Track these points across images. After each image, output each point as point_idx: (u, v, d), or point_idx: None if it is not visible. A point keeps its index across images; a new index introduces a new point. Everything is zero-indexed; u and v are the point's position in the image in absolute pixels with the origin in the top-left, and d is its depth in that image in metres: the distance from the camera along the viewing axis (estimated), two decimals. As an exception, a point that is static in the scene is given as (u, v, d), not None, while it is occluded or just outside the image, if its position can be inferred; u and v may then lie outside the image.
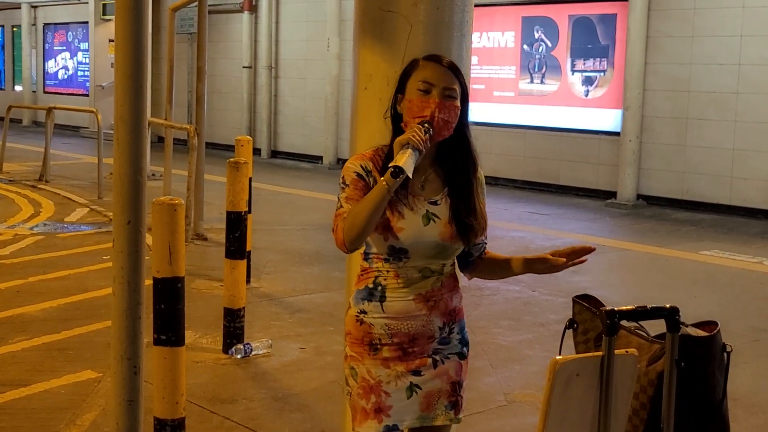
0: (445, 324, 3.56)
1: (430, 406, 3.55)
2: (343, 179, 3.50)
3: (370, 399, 3.51)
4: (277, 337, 7.91)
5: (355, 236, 3.36)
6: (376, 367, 3.51)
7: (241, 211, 7.69)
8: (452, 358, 3.59)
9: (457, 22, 4.43)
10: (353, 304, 3.57)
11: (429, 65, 3.49)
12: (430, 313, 3.52)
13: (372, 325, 3.51)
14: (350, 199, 3.43)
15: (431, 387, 3.54)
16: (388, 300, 3.50)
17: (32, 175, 17.76)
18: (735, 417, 5.09)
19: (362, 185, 3.44)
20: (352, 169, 3.49)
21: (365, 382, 3.52)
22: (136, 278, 4.25)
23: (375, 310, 3.51)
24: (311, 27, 22.71)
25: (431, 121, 3.39)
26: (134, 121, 4.14)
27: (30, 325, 8.08)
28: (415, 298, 3.50)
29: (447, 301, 3.57)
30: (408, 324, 3.50)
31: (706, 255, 12.06)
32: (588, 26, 17.51)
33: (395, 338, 3.50)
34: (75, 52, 31.84)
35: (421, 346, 3.52)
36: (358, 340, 3.54)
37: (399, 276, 3.49)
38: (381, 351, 3.51)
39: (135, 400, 4.36)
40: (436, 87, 3.43)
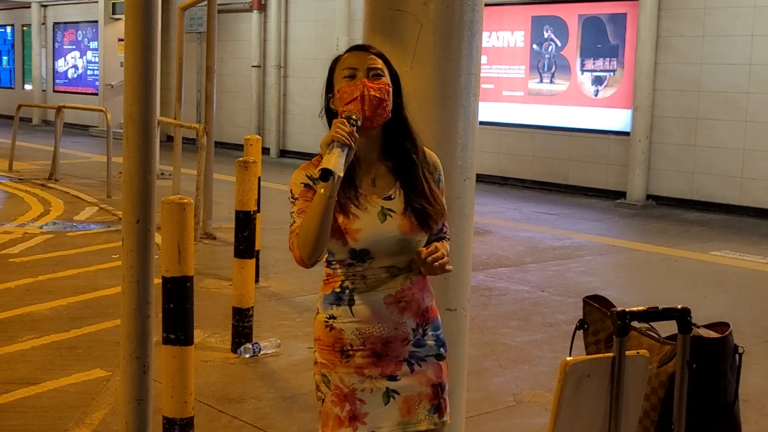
0: (418, 325, 3.44)
1: (411, 411, 3.43)
2: (291, 193, 3.40)
3: (344, 407, 3.41)
4: (286, 337, 7.90)
5: (311, 251, 3.29)
6: (350, 375, 3.40)
7: (250, 210, 7.68)
8: (429, 360, 3.46)
9: (467, 21, 4.42)
10: (321, 309, 3.47)
11: (349, 54, 3.43)
12: (401, 315, 3.40)
13: (342, 331, 3.40)
14: (302, 212, 3.33)
15: (410, 392, 3.43)
16: (356, 303, 3.38)
17: (42, 174, 17.79)
18: (746, 418, 5.07)
19: (311, 195, 3.33)
20: (299, 180, 3.39)
21: (339, 390, 3.42)
22: (146, 277, 4.25)
23: (344, 314, 3.40)
24: (320, 26, 22.71)
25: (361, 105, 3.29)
26: (144, 120, 4.14)
27: (39, 324, 8.09)
28: (384, 300, 3.38)
29: (419, 301, 3.45)
30: (380, 327, 3.38)
31: (716, 255, 12.03)
32: (598, 26, 17.48)
33: (367, 343, 3.38)
34: (84, 51, 31.87)
35: (395, 350, 3.40)
36: (328, 347, 3.44)
37: (366, 278, 3.38)
38: (353, 358, 3.40)
39: (144, 398, 4.36)
40: (359, 70, 3.35)
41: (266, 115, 24.20)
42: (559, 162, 18.14)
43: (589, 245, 12.61)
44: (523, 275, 10.64)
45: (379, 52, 3.45)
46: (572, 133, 17.90)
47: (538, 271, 10.91)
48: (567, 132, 17.99)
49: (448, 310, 4.45)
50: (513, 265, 11.15)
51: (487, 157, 18.58)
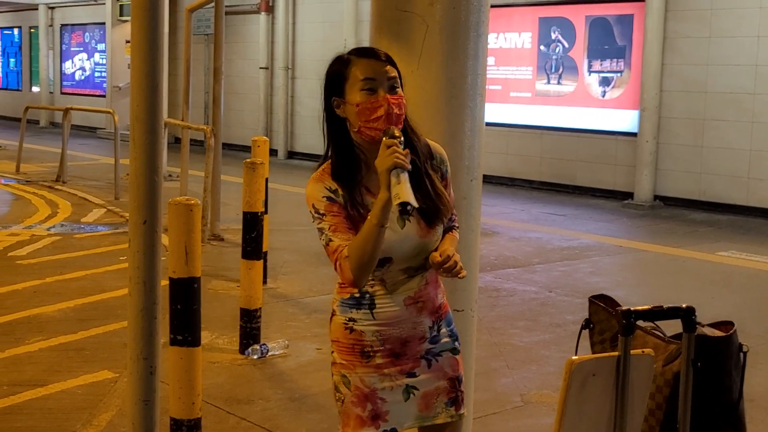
0: (434, 323, 3.49)
1: (429, 406, 3.49)
2: (314, 209, 3.37)
3: (366, 407, 3.44)
4: (294, 338, 7.91)
5: (364, 274, 3.27)
6: (369, 375, 3.43)
7: (257, 211, 7.69)
8: (445, 354, 3.52)
9: (473, 22, 4.42)
10: (339, 312, 3.48)
11: (364, 62, 3.35)
12: (419, 314, 3.44)
13: (363, 333, 3.42)
14: (336, 230, 3.31)
15: (428, 387, 3.48)
16: (378, 307, 3.41)
17: (49, 176, 17.81)
18: (752, 418, 5.07)
19: (337, 208, 3.33)
20: (319, 194, 3.36)
21: (359, 391, 3.44)
22: (152, 278, 4.26)
23: (365, 317, 3.42)
24: (327, 28, 22.71)
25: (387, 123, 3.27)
26: (150, 121, 4.15)
27: (47, 326, 8.11)
28: (405, 301, 3.41)
29: (433, 300, 3.49)
30: (399, 328, 3.42)
31: (723, 256, 12.02)
32: (605, 27, 17.48)
33: (387, 344, 3.42)
34: (92, 53, 31.92)
35: (412, 349, 3.45)
36: (348, 348, 3.46)
37: (385, 281, 3.40)
38: (373, 358, 3.43)
39: (151, 400, 4.37)
40: (378, 83, 3.31)
41: (274, 117, 24.22)
42: (566, 163, 18.13)
43: (596, 246, 12.60)
44: (530, 276, 10.64)
45: (389, 56, 3.40)
46: (580, 134, 17.89)
47: (546, 271, 10.91)
48: (574, 133, 17.98)
49: (455, 310, 4.44)
50: (520, 266, 11.15)
51: (495, 158, 18.58)
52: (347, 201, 3.35)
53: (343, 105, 3.39)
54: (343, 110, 3.40)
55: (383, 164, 3.16)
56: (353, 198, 3.35)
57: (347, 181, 3.37)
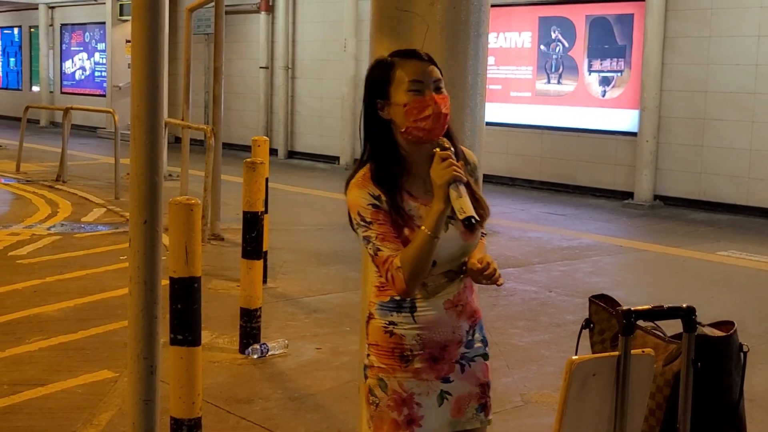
0: (470, 327, 3.49)
1: (461, 411, 3.49)
2: (360, 217, 3.34)
3: (402, 411, 3.43)
4: (294, 338, 7.91)
5: (417, 282, 3.28)
6: (408, 379, 3.41)
7: (257, 211, 7.69)
8: (477, 360, 3.51)
9: (473, 22, 4.42)
10: (378, 316, 3.45)
11: (410, 63, 3.35)
12: (458, 318, 3.44)
13: (403, 337, 3.40)
14: (384, 239, 3.30)
15: (461, 392, 3.48)
16: (419, 310, 3.39)
17: (49, 176, 17.82)
18: (753, 418, 5.07)
19: (383, 215, 3.31)
20: (364, 201, 3.34)
21: (397, 395, 3.43)
22: (153, 278, 4.26)
23: (406, 321, 3.40)
24: (328, 27, 22.72)
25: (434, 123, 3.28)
26: (150, 121, 4.15)
27: (47, 325, 8.11)
28: (444, 305, 3.40)
29: (471, 303, 3.49)
30: (439, 332, 3.40)
31: (723, 255, 12.02)
32: (605, 26, 17.48)
33: (426, 348, 3.40)
34: (92, 53, 31.92)
35: (450, 353, 3.43)
36: (387, 352, 3.43)
37: (427, 285, 3.38)
38: (413, 363, 3.41)
39: (151, 399, 4.37)
40: (424, 84, 3.31)
41: (274, 117, 24.22)
42: (566, 162, 18.13)
43: (596, 245, 12.60)
44: (530, 276, 10.64)
45: (431, 57, 3.41)
46: (580, 133, 17.89)
47: (546, 271, 10.91)
48: (575, 132, 17.98)
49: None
50: (521, 266, 11.15)
51: (495, 157, 18.57)
52: (390, 206, 3.34)
53: (388, 107, 3.36)
54: (388, 112, 3.37)
55: (441, 177, 3.18)
56: (395, 202, 3.34)
57: (389, 185, 3.35)
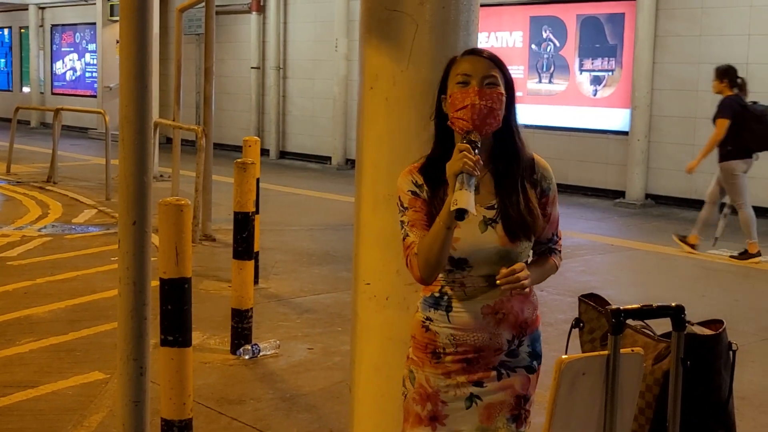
0: (514, 336, 3.41)
1: (490, 418, 3.43)
2: (400, 201, 3.41)
3: (425, 406, 3.43)
4: (285, 338, 7.91)
5: (431, 273, 3.29)
6: (436, 376, 3.41)
7: (248, 211, 7.69)
8: (519, 371, 3.44)
9: (463, 22, 4.42)
10: (420, 310, 3.47)
11: (466, 58, 3.41)
12: (498, 326, 3.38)
13: (437, 334, 3.40)
14: (414, 225, 3.34)
15: (493, 399, 3.42)
16: (454, 310, 3.38)
17: (40, 177, 17.78)
18: (743, 415, 5.08)
19: (420, 204, 3.35)
20: (405, 187, 3.40)
21: (422, 389, 3.43)
22: (142, 279, 4.24)
23: (441, 319, 3.39)
24: (319, 27, 22.71)
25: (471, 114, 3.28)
26: (140, 121, 4.14)
27: (38, 327, 8.09)
28: (482, 310, 3.36)
29: (517, 314, 3.41)
30: (474, 336, 3.37)
31: (714, 254, 12.03)
32: (596, 26, 17.49)
33: (460, 349, 3.38)
34: (83, 54, 31.88)
35: (486, 358, 3.39)
36: (421, 346, 3.44)
37: (465, 285, 3.36)
38: (443, 360, 3.40)
39: (141, 401, 4.36)
40: (473, 77, 3.32)
41: (265, 117, 24.21)
42: (558, 162, 18.11)
43: (588, 244, 12.61)
44: (521, 275, 10.62)
45: (495, 56, 3.42)
46: (571, 132, 17.91)
47: (537, 270, 10.89)
48: (566, 132, 17.99)
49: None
50: (512, 265, 11.13)
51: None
52: (430, 196, 3.36)
53: (445, 101, 3.42)
54: (445, 105, 3.42)
55: (451, 168, 3.17)
56: (436, 194, 3.36)
57: (433, 176, 3.37)
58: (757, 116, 11.67)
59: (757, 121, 11.65)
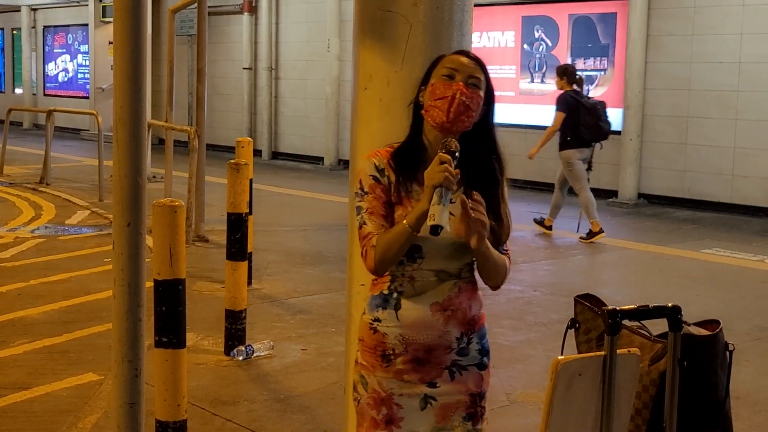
0: (463, 334, 3.43)
1: (446, 418, 3.43)
2: (361, 184, 3.39)
3: (380, 410, 3.41)
4: (279, 339, 7.90)
5: (386, 267, 3.33)
6: (389, 379, 3.40)
7: (241, 212, 7.68)
8: (471, 369, 3.45)
9: (457, 22, 4.42)
10: (368, 311, 3.46)
11: (455, 56, 3.45)
12: (447, 323, 3.38)
13: (386, 335, 3.39)
14: (372, 213, 3.33)
15: (448, 399, 3.42)
16: (403, 308, 3.37)
17: (33, 178, 17.75)
18: (738, 415, 5.08)
19: (380, 190, 3.35)
20: (368, 171, 3.39)
21: (376, 394, 3.42)
22: (137, 280, 4.24)
23: (389, 318, 3.38)
24: (311, 28, 22.70)
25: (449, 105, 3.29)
26: (134, 123, 4.13)
27: (31, 328, 8.08)
28: (431, 307, 3.37)
29: (465, 310, 3.44)
30: (424, 335, 3.37)
31: (708, 253, 12.05)
32: (588, 25, 17.50)
33: (410, 349, 3.37)
34: (75, 55, 31.85)
35: (437, 357, 3.39)
36: (370, 349, 3.42)
37: (415, 280, 3.36)
38: (394, 363, 3.38)
39: (136, 402, 4.35)
40: (460, 73, 3.36)
41: (258, 117, 24.20)
42: (550, 161, 18.11)
43: (581, 244, 12.62)
44: (515, 275, 10.64)
45: (482, 61, 3.46)
46: (564, 132, 17.89)
47: (531, 270, 10.92)
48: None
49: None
50: (505, 265, 11.13)
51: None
52: (392, 182, 3.37)
53: (424, 90, 3.43)
54: (423, 95, 3.43)
55: (431, 178, 3.16)
56: (400, 181, 3.37)
57: (403, 165, 3.39)
58: (589, 109, 12.88)
59: (589, 114, 12.84)
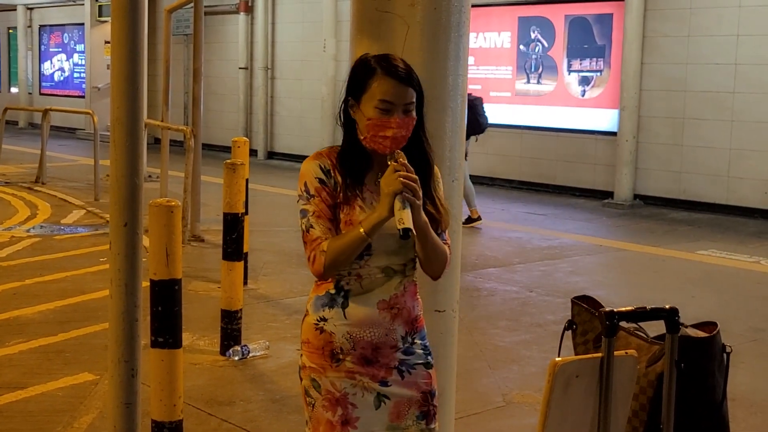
0: (407, 333, 3.46)
1: (400, 416, 3.45)
2: (305, 188, 3.39)
3: (336, 411, 3.42)
4: (275, 339, 7.89)
5: (336, 271, 3.35)
6: (341, 379, 3.41)
7: (237, 212, 7.67)
8: (418, 368, 3.48)
9: (454, 23, 4.42)
10: (311, 311, 3.47)
11: (386, 81, 3.32)
12: (393, 321, 3.42)
13: (333, 334, 3.40)
14: (319, 216, 3.34)
15: (400, 397, 3.45)
16: (350, 306, 3.39)
17: (28, 177, 17.73)
18: (734, 417, 5.08)
19: (326, 193, 3.36)
20: (313, 173, 3.39)
21: (330, 395, 3.42)
22: (134, 280, 4.24)
23: (336, 317, 3.40)
24: (307, 28, 22.69)
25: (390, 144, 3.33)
26: (131, 123, 4.13)
27: (27, 328, 8.07)
28: (378, 304, 3.39)
29: (409, 309, 3.46)
30: (371, 332, 3.39)
31: (703, 255, 12.06)
32: (584, 26, 17.51)
33: (357, 347, 3.39)
34: (71, 54, 31.82)
35: (384, 356, 3.42)
36: (318, 350, 3.44)
37: (362, 277, 3.38)
38: (344, 362, 3.40)
39: (132, 402, 4.35)
40: (395, 106, 3.32)
41: (254, 117, 24.19)
42: (546, 162, 18.16)
43: (577, 245, 12.63)
44: (511, 276, 10.65)
45: (412, 75, 3.38)
46: (559, 133, 17.93)
47: (527, 271, 10.92)
48: (554, 132, 18.02)
49: (436, 311, 4.46)
50: (501, 266, 11.16)
51: (475, 157, 18.53)
52: (338, 184, 3.37)
53: (357, 110, 3.40)
54: (354, 114, 3.42)
55: (389, 185, 3.21)
56: (347, 183, 3.38)
57: (349, 167, 3.40)
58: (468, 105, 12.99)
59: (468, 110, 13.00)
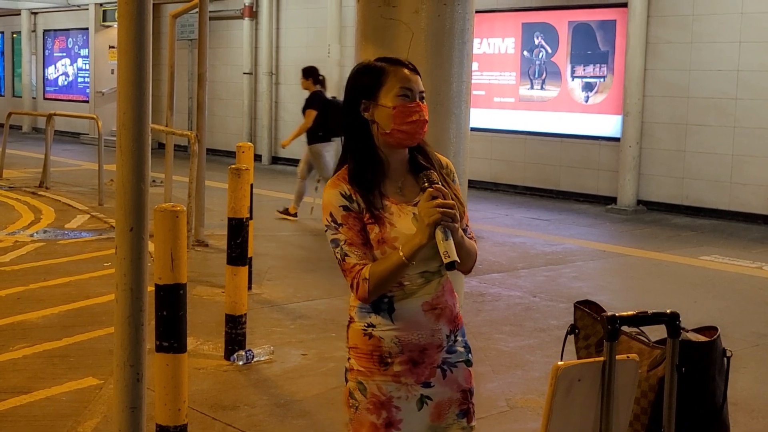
0: (451, 331, 3.51)
1: (441, 416, 3.50)
2: (331, 218, 3.40)
3: (381, 414, 3.45)
4: (279, 344, 7.91)
5: (380, 294, 3.38)
6: (387, 383, 3.44)
7: (242, 217, 7.69)
8: (460, 366, 3.54)
9: (458, 30, 4.45)
10: (357, 318, 3.49)
11: (400, 71, 3.44)
12: (437, 321, 3.46)
13: (382, 339, 3.43)
14: (352, 244, 3.36)
15: (441, 397, 3.49)
16: (396, 311, 3.42)
17: (32, 182, 17.76)
18: (736, 422, 5.10)
19: (353, 219, 3.38)
20: (336, 202, 3.40)
21: (375, 398, 3.46)
22: (139, 285, 4.25)
23: (384, 322, 3.43)
24: (312, 33, 22.73)
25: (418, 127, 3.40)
26: (137, 128, 4.14)
27: (31, 332, 8.09)
28: (422, 306, 3.43)
29: (451, 308, 3.51)
30: (418, 335, 3.43)
31: (706, 260, 12.07)
32: (588, 32, 17.53)
33: (405, 350, 3.43)
34: (75, 59, 31.85)
35: (430, 357, 3.46)
36: (366, 355, 3.46)
37: (403, 284, 3.41)
38: (392, 365, 3.43)
39: (138, 407, 4.36)
40: (414, 92, 3.41)
41: (258, 122, 24.21)
42: (550, 168, 18.17)
43: (580, 251, 12.64)
44: (515, 281, 10.66)
45: (415, 68, 3.49)
46: (563, 139, 17.95)
47: (530, 276, 10.94)
48: (558, 138, 18.03)
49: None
50: (505, 271, 11.18)
51: (479, 163, 18.61)
52: (363, 206, 3.39)
53: (374, 108, 3.43)
54: (372, 113, 3.44)
55: (429, 216, 3.23)
56: (369, 201, 3.40)
57: (366, 184, 3.42)
58: (337, 107, 14.09)
59: (337, 112, 13.86)
